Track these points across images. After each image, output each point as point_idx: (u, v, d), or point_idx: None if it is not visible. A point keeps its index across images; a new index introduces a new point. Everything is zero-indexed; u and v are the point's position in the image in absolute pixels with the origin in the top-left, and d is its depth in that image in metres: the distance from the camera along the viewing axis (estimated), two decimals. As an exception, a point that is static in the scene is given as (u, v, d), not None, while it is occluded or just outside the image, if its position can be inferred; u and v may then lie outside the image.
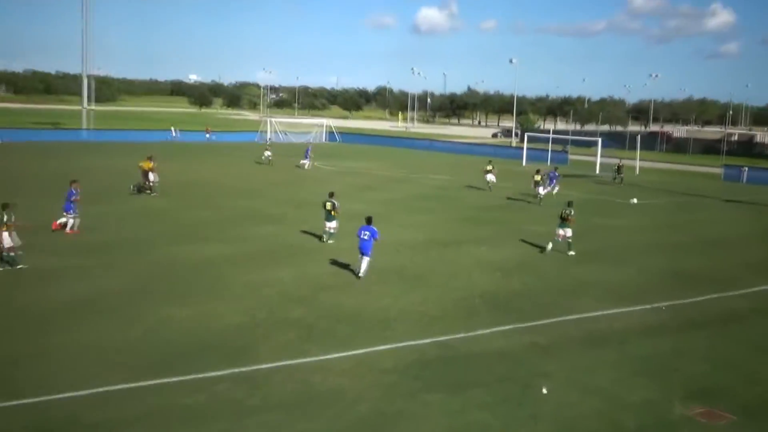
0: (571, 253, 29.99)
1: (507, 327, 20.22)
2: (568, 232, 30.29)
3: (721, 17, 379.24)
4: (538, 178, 46.48)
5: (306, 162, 61.14)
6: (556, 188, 48.15)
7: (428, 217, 38.09)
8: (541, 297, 23.47)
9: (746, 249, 33.78)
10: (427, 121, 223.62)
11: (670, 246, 33.44)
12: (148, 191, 41.66)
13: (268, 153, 64.29)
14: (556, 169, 52.40)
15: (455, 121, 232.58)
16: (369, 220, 24.98)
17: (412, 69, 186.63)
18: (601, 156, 71.06)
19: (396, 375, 16.60)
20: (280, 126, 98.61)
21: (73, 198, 30.28)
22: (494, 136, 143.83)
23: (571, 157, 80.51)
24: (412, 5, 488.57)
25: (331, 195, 30.45)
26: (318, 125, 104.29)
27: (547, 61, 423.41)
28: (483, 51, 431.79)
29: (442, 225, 36.04)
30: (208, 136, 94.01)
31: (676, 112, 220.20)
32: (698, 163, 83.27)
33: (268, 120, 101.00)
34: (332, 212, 30.04)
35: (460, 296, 23.09)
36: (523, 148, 79.75)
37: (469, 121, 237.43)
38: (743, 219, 43.62)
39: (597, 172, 68.56)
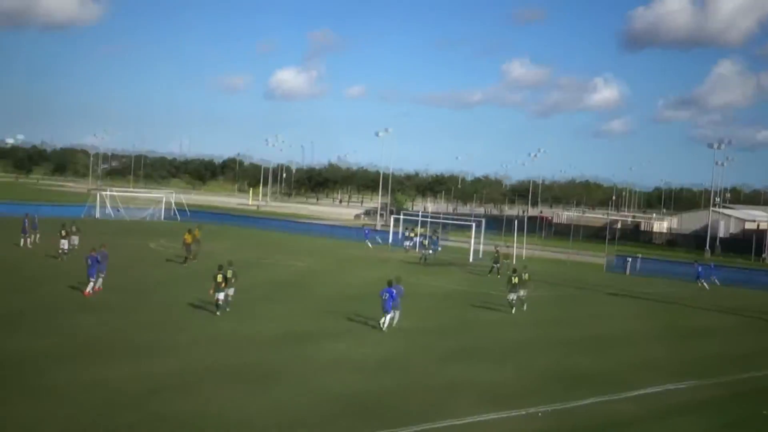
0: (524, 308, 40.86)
1: (368, 436, 19.95)
2: (521, 292, 40.86)
3: (607, 92, 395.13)
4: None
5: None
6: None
7: (281, 307, 37.69)
8: (406, 401, 23.36)
9: (634, 347, 34.75)
10: (284, 199, 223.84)
11: (553, 343, 34.08)
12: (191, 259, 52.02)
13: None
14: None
15: (315, 198, 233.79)
16: (390, 283, 33.69)
17: (266, 140, 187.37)
18: (477, 242, 72.47)
19: (237, 494, 16.03)
20: (112, 200, 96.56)
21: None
22: (358, 216, 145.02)
23: (443, 242, 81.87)
24: (266, 66, 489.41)
25: (230, 264, 35.54)
26: (157, 200, 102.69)
27: (419, 133, 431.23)
28: (348, 120, 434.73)
29: (297, 317, 35.70)
30: None
31: (558, 194, 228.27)
32: (582, 251, 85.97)
33: (98, 193, 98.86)
34: (223, 284, 34.26)
35: (316, 399, 22.72)
36: (389, 231, 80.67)
37: (331, 200, 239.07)
38: (631, 314, 45.02)
39: (471, 259, 69.79)
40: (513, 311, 40.51)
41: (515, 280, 40.91)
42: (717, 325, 43.05)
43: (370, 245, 77.12)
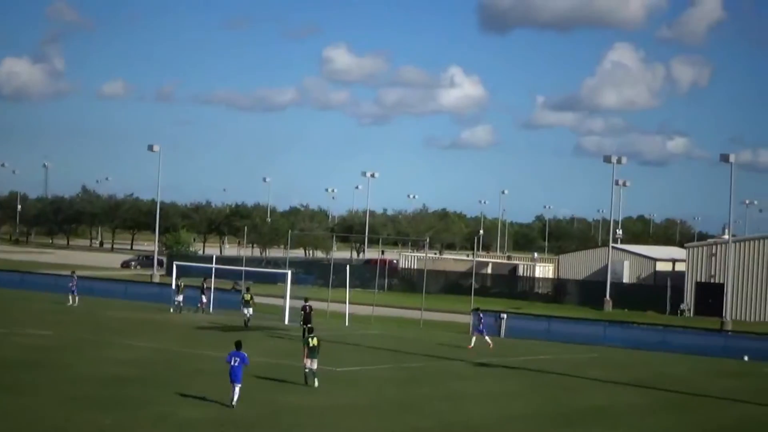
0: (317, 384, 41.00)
1: None
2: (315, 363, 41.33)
3: (465, 89, 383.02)
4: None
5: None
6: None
7: (14, 400, 36.66)
8: None
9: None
10: (17, 241, 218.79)
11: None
12: None
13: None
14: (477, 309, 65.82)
15: (64, 240, 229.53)
16: (238, 345, 35.92)
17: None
18: (293, 297, 72.28)
19: None
20: None
21: None
22: (126, 265, 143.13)
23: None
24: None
25: None
26: None
27: (210, 147, 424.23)
28: (108, 130, 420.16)
29: (39, 414, 34.73)
30: None
31: (404, 230, 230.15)
32: (437, 307, 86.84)
33: None
34: None
35: None
36: (171, 285, 79.75)
37: (88, 242, 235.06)
38: (507, 392, 45.50)
39: (286, 321, 69.54)
40: (315, 384, 41.14)
41: (313, 341, 41.77)
42: (615, 405, 43.94)
43: (73, 302, 77.90)
